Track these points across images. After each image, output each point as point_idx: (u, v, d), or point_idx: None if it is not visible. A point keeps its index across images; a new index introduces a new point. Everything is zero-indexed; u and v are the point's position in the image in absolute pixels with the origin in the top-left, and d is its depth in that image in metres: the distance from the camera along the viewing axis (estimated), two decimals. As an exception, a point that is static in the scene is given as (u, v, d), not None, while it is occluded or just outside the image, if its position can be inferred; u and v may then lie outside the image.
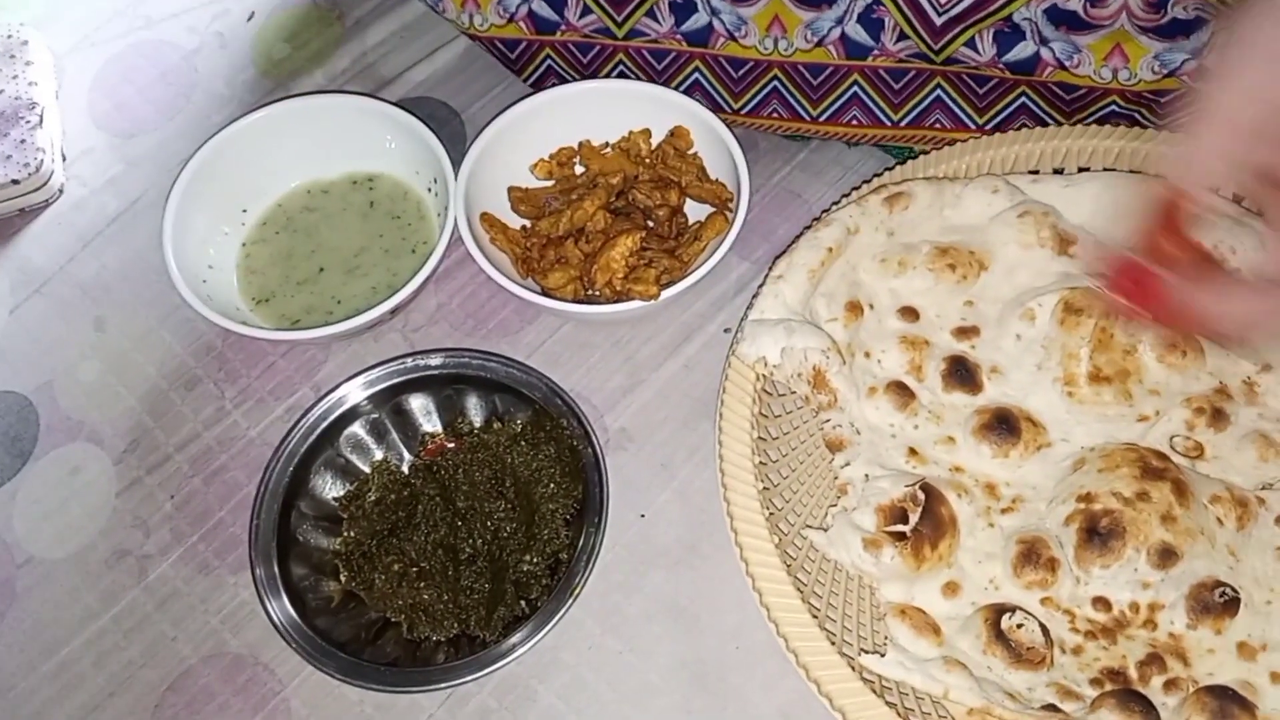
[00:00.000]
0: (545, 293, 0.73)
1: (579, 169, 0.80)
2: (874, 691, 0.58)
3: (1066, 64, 0.73)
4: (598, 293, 0.74)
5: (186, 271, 0.74)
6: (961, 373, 0.67)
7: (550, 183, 0.80)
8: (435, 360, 0.72)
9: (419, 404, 0.73)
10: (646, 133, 0.79)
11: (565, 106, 0.78)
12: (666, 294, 0.69)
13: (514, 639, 0.64)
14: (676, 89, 0.78)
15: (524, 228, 0.78)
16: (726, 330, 0.71)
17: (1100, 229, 0.71)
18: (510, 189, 0.78)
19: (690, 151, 0.78)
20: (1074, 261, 0.70)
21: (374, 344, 0.78)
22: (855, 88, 0.77)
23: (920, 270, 0.69)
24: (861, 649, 0.61)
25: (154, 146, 0.89)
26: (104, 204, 0.86)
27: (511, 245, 0.76)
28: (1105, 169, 0.74)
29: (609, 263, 0.72)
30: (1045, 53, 0.73)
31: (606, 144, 0.80)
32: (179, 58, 0.93)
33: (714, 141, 0.76)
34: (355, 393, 0.71)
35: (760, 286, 0.69)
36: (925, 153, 0.78)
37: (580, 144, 0.80)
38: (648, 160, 0.79)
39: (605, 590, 0.69)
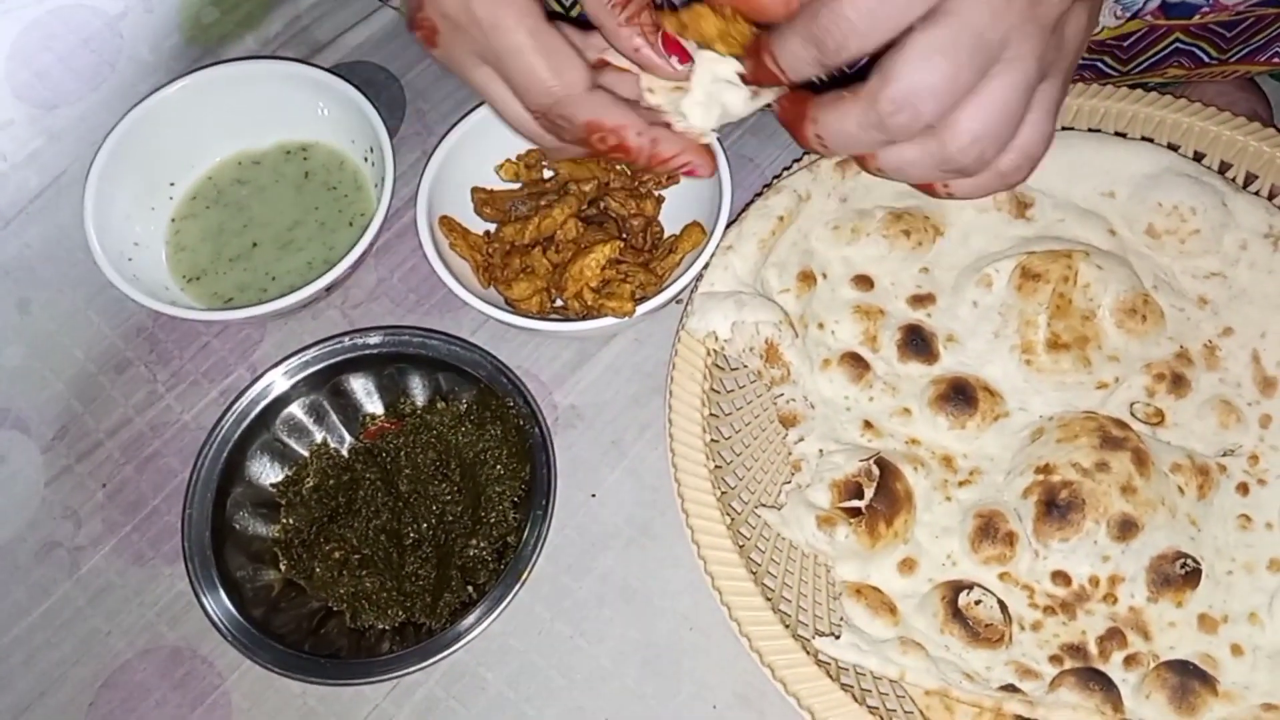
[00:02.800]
0: (509, 303, 0.70)
1: (548, 173, 0.76)
2: (829, 675, 0.56)
3: None
4: (564, 303, 0.70)
5: (111, 250, 0.70)
6: (917, 342, 0.66)
7: (517, 185, 0.75)
8: (375, 339, 0.69)
9: (359, 384, 0.70)
10: None
11: None
12: (641, 309, 0.66)
13: (461, 626, 0.62)
14: None
15: (487, 233, 0.74)
16: (678, 301, 0.69)
17: (1059, 189, 0.69)
18: (474, 190, 0.74)
19: None
20: (1032, 225, 0.68)
21: (312, 322, 0.75)
22: None
23: (874, 237, 0.67)
24: (817, 630, 0.59)
25: (77, 118, 0.85)
26: (25, 180, 0.82)
27: (473, 252, 0.71)
28: (1063, 128, 0.72)
29: (582, 270, 0.68)
30: None
31: None
32: (102, 23, 0.88)
33: None
34: (292, 373, 0.68)
35: (710, 257, 0.67)
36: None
37: None
38: (619, 167, 0.75)
39: (555, 573, 0.67)
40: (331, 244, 0.74)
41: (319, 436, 0.70)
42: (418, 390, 0.71)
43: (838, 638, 0.58)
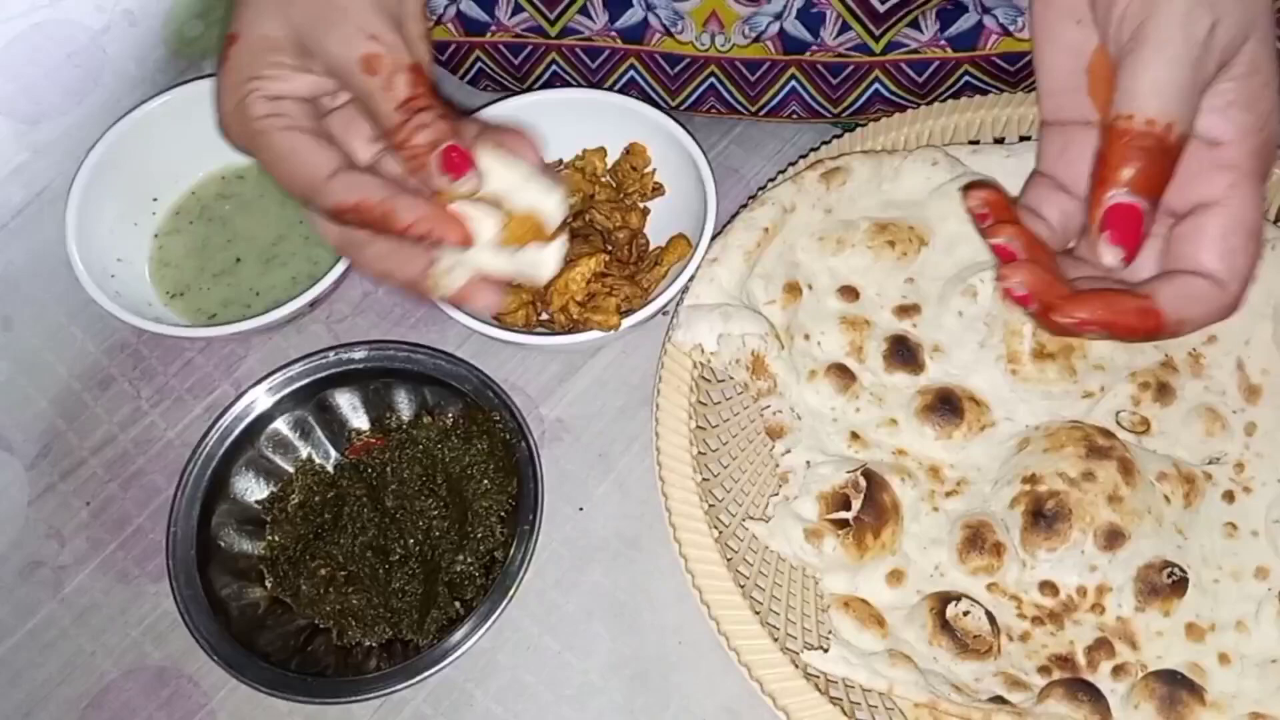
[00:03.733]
0: (494, 317, 0.70)
1: None
2: (818, 689, 0.56)
3: (1011, 29, 0.71)
4: (550, 316, 0.70)
5: (93, 266, 0.70)
6: (903, 353, 0.66)
7: None
8: (359, 353, 0.69)
9: (345, 399, 0.70)
10: (602, 151, 0.75)
11: (520, 118, 0.72)
12: (627, 323, 0.66)
13: (448, 642, 0.61)
14: (611, 88, 0.75)
15: None
16: (664, 314, 0.69)
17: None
18: None
19: (648, 169, 0.75)
20: (1017, 234, 0.68)
21: (296, 336, 0.75)
22: (793, 82, 0.74)
23: (859, 248, 0.67)
24: (806, 644, 0.59)
25: (61, 133, 0.84)
26: (8, 195, 0.82)
27: None
28: (1047, 138, 0.72)
29: (568, 284, 0.68)
30: (989, 21, 0.71)
31: (560, 161, 0.76)
32: (86, 38, 0.88)
33: (679, 155, 0.72)
34: (276, 389, 0.68)
35: (695, 270, 0.67)
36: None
37: None
38: (604, 180, 0.75)
39: (542, 588, 0.67)
40: (316, 258, 0.74)
41: (304, 452, 0.70)
42: (403, 405, 0.70)
43: (826, 651, 0.57)
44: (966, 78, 0.73)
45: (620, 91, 0.75)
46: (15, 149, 0.84)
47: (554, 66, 0.76)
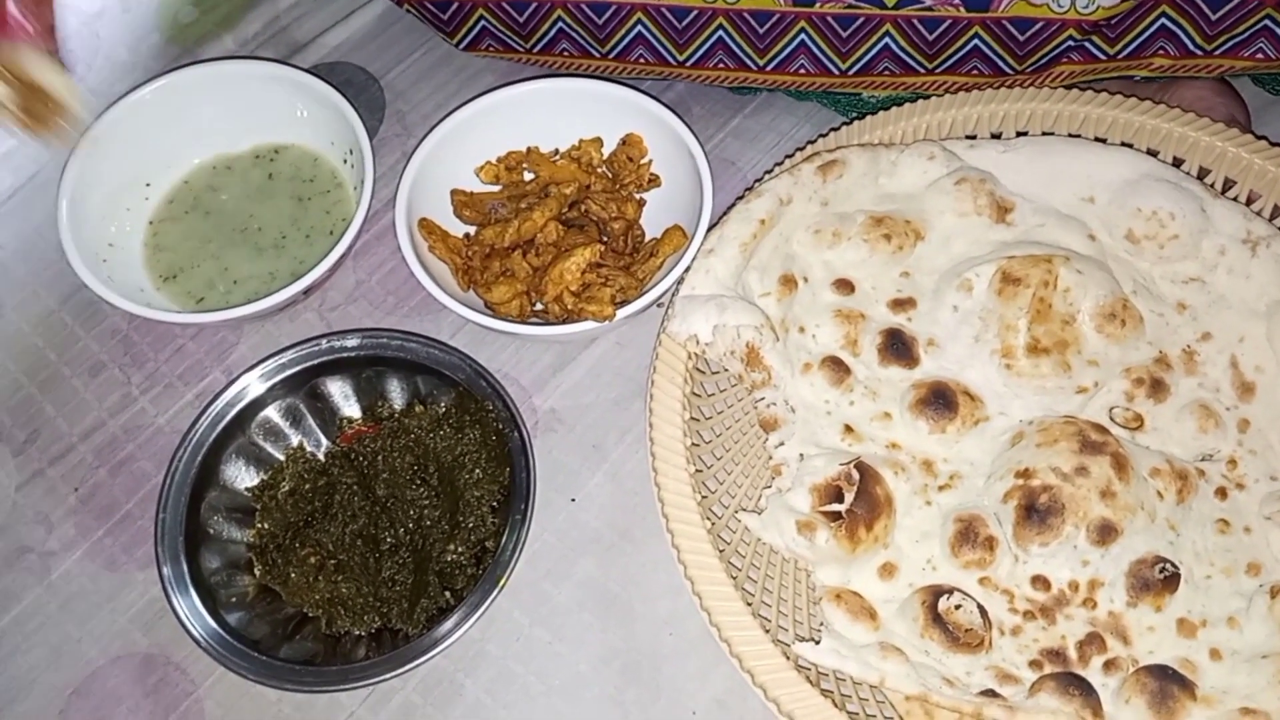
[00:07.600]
0: (488, 306, 0.70)
1: (528, 175, 0.76)
2: (809, 681, 0.56)
3: None
4: (544, 306, 0.70)
5: (85, 251, 0.69)
6: (898, 346, 0.65)
7: (497, 187, 0.75)
8: (352, 341, 0.68)
9: (337, 387, 0.70)
10: (598, 141, 0.75)
11: (517, 107, 0.74)
12: (621, 314, 0.66)
13: (438, 632, 0.61)
14: (619, 44, 0.74)
15: (467, 236, 0.73)
16: (659, 305, 0.69)
17: (1039, 194, 0.69)
18: (454, 192, 0.73)
19: (644, 160, 0.75)
20: (1012, 229, 0.68)
21: (289, 324, 0.74)
22: (802, 35, 0.73)
23: (855, 241, 0.67)
24: (797, 635, 0.59)
25: (52, 117, 0.83)
26: (-1, 179, 0.81)
27: (452, 255, 0.71)
28: (1043, 133, 0.72)
29: (562, 274, 0.67)
30: None
31: (556, 151, 0.76)
32: (79, 23, 0.87)
33: (676, 146, 0.72)
34: (268, 376, 0.68)
35: (691, 261, 0.67)
36: (875, 98, 0.76)
37: (529, 150, 0.75)
38: (600, 170, 0.75)
39: (534, 579, 0.66)
40: (310, 246, 0.73)
41: (295, 440, 0.69)
42: (396, 393, 0.70)
43: (818, 643, 0.57)
44: (976, 41, 0.72)
45: (628, 48, 0.74)
46: (5, 133, 0.83)
47: (560, 23, 0.74)
